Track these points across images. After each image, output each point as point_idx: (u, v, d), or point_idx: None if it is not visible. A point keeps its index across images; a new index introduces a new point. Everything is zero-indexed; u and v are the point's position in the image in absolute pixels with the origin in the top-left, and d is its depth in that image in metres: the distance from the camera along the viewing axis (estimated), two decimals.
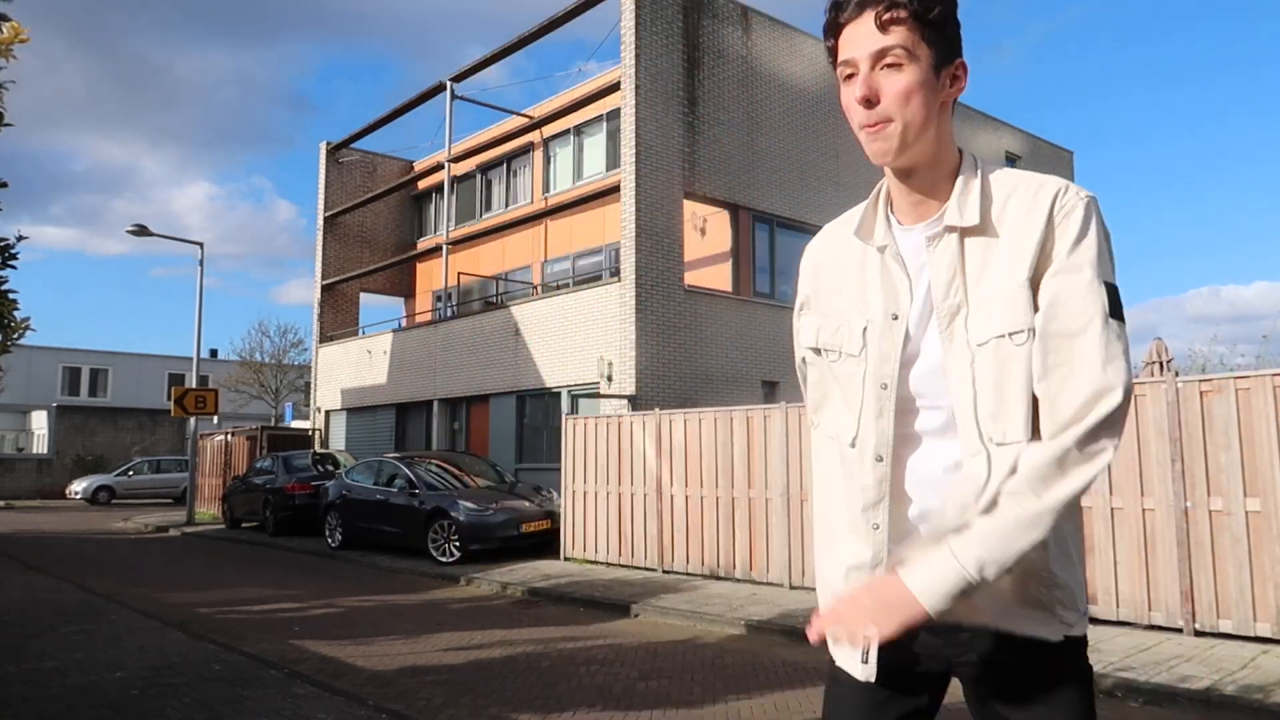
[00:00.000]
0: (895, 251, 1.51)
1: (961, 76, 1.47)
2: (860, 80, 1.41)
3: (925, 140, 1.44)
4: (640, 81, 15.43)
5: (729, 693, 5.68)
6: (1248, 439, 6.58)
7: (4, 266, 8.20)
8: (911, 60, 1.39)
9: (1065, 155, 25.88)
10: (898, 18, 1.39)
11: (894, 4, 1.38)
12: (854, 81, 1.43)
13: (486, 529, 12.09)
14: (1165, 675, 5.59)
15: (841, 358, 1.57)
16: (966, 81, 1.48)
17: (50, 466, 35.30)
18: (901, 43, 1.39)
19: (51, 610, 8.91)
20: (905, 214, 1.53)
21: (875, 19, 1.39)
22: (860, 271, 1.56)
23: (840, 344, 1.57)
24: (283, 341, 41.05)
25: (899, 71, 1.40)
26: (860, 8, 1.41)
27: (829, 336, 1.60)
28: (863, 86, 1.41)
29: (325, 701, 5.45)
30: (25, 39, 6.01)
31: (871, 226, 1.55)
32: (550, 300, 17.21)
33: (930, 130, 1.44)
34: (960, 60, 1.46)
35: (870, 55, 1.40)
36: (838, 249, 1.62)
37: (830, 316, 1.60)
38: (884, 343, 1.50)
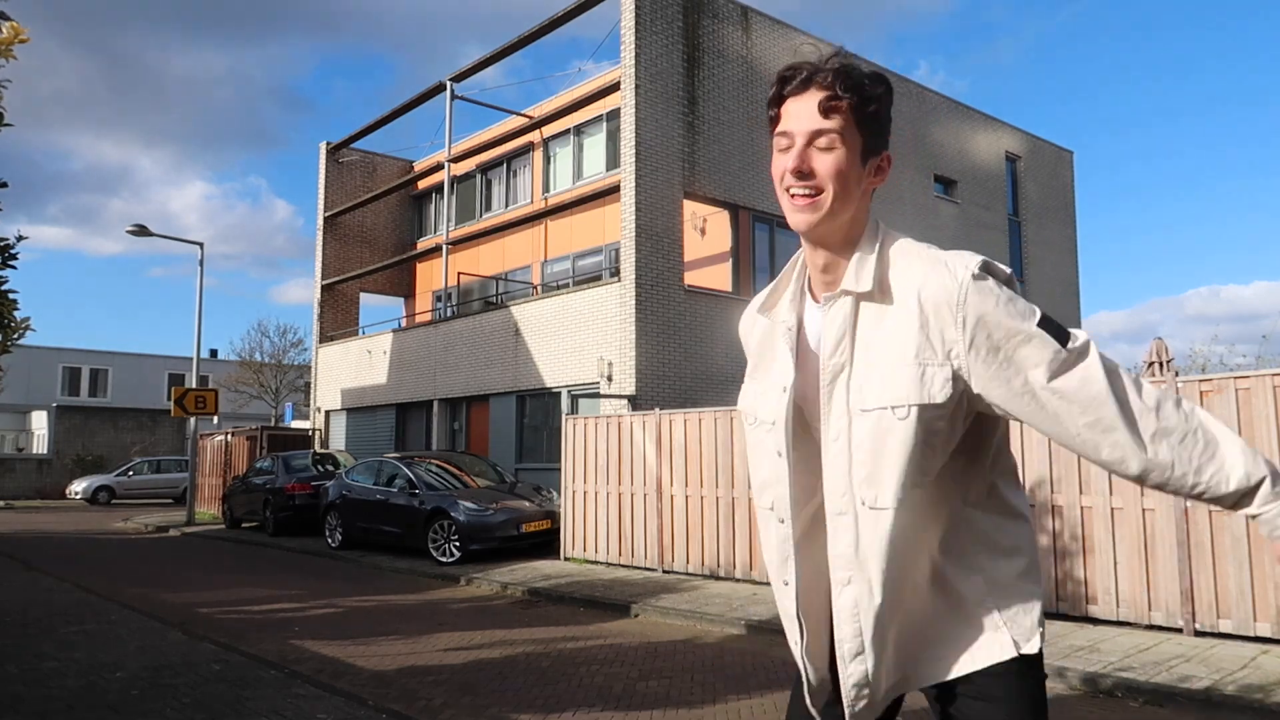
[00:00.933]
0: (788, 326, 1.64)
1: (885, 169, 1.59)
2: (795, 153, 1.53)
3: (844, 217, 1.55)
4: (640, 81, 15.43)
5: (729, 693, 5.68)
6: (1248, 439, 6.56)
7: (4, 266, 8.21)
8: (844, 144, 1.52)
9: (1066, 155, 25.88)
10: (837, 106, 1.51)
11: (836, 95, 1.51)
12: (789, 153, 1.54)
13: (486, 529, 12.09)
14: (1165, 675, 5.59)
15: (757, 424, 1.68)
16: (889, 174, 1.61)
17: (50, 466, 35.29)
18: (837, 128, 1.51)
19: (51, 610, 8.91)
20: (819, 287, 1.62)
21: (818, 102, 1.52)
22: (769, 344, 1.70)
23: (756, 412, 1.69)
24: (283, 341, 41.09)
25: (831, 153, 1.52)
26: (805, 86, 1.53)
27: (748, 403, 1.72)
28: (796, 159, 1.53)
29: (325, 701, 5.45)
30: (25, 39, 6.01)
31: (776, 303, 1.69)
32: (550, 300, 17.21)
33: (850, 209, 1.55)
34: (886, 154, 1.59)
35: (807, 133, 1.52)
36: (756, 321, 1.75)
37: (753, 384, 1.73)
38: (777, 413, 1.61)
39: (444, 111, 21.07)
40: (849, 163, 1.52)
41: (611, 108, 17.88)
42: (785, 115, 1.55)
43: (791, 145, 1.54)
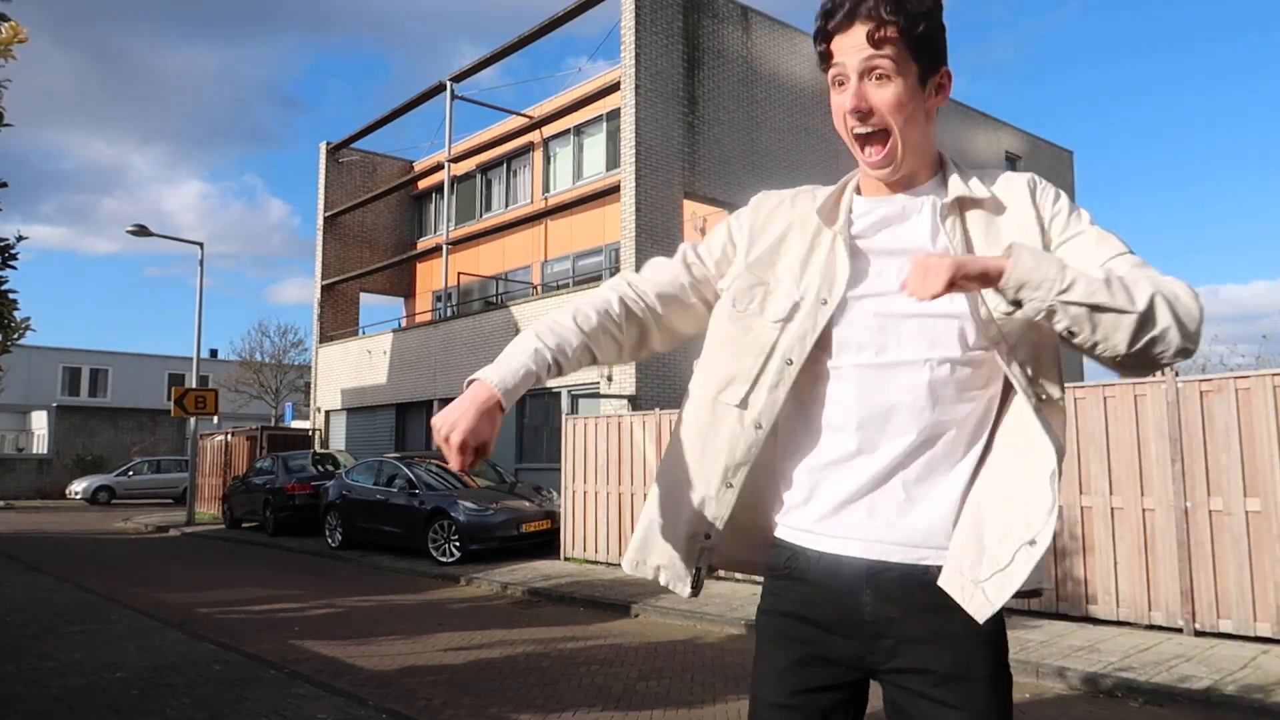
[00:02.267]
0: (848, 236, 1.54)
1: (947, 84, 1.53)
2: (851, 91, 1.47)
3: (917, 149, 1.52)
4: (640, 81, 15.43)
5: (729, 693, 5.68)
6: (1248, 439, 6.58)
7: (4, 266, 8.21)
8: (899, 74, 1.46)
9: (1065, 155, 25.89)
10: (886, 35, 1.44)
11: (882, 21, 1.43)
12: (845, 90, 1.48)
13: (486, 529, 12.09)
14: (1165, 675, 5.59)
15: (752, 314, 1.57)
16: (951, 87, 1.54)
17: (50, 466, 35.29)
18: (890, 56, 1.45)
19: (51, 610, 8.91)
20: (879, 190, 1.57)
21: (865, 34, 1.44)
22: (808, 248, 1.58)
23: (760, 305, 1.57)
24: (283, 341, 41.08)
25: (888, 84, 1.46)
26: (850, 19, 1.46)
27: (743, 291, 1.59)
28: (854, 97, 1.47)
29: (325, 701, 5.45)
30: (25, 39, 6.02)
31: (834, 212, 1.58)
32: (550, 300, 17.22)
33: (918, 134, 1.51)
34: (945, 69, 1.52)
35: (860, 67, 1.46)
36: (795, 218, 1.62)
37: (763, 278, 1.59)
38: (805, 322, 1.51)
39: (444, 112, 21.10)
40: (908, 91, 1.47)
41: (611, 108, 17.88)
42: (835, 50, 1.49)
43: (846, 82, 1.48)
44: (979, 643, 1.44)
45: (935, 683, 1.44)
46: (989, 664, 1.45)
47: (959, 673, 1.43)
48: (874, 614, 1.46)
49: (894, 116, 1.46)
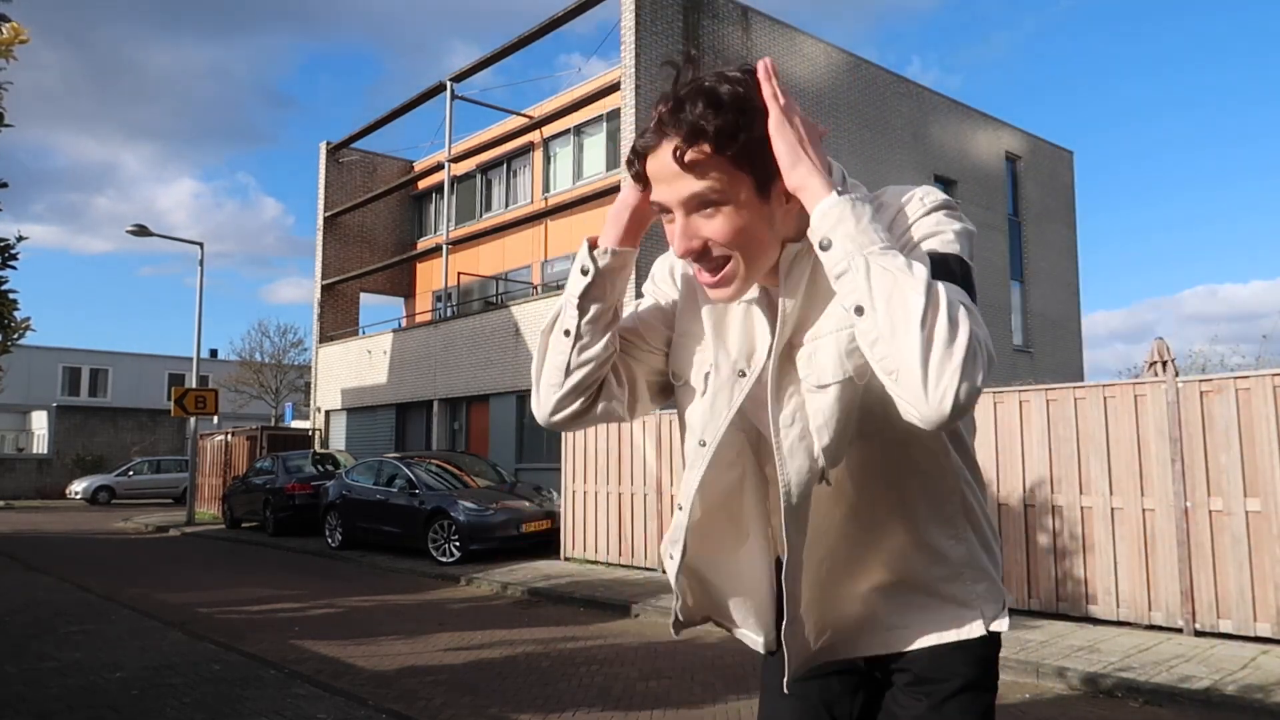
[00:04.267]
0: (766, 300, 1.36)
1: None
2: (679, 232, 1.25)
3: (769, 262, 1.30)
4: (640, 81, 15.43)
5: (729, 693, 5.68)
6: (1248, 439, 6.58)
7: (4, 266, 8.21)
8: (730, 199, 1.22)
9: (1065, 155, 25.88)
10: (699, 157, 1.20)
11: (689, 142, 1.19)
12: (673, 228, 1.27)
13: (486, 529, 12.09)
14: (1165, 675, 5.60)
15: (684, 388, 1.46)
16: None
17: (50, 466, 35.30)
18: (713, 185, 1.21)
19: (51, 610, 8.91)
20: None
21: (675, 159, 1.20)
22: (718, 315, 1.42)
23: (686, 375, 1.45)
24: (282, 341, 41.12)
25: (718, 215, 1.23)
26: (657, 137, 1.23)
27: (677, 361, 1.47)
28: (684, 237, 1.25)
29: (325, 701, 5.45)
30: (25, 39, 6.02)
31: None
32: (550, 300, 17.21)
33: (772, 251, 1.29)
34: None
35: (681, 202, 1.23)
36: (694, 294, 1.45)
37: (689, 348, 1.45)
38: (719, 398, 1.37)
39: (443, 112, 21.10)
40: (745, 215, 1.23)
41: (611, 108, 17.88)
42: (651, 176, 1.26)
43: (672, 216, 1.26)
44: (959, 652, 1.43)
45: (910, 681, 1.45)
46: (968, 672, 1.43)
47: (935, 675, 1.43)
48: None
49: (736, 246, 1.24)
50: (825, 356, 1.28)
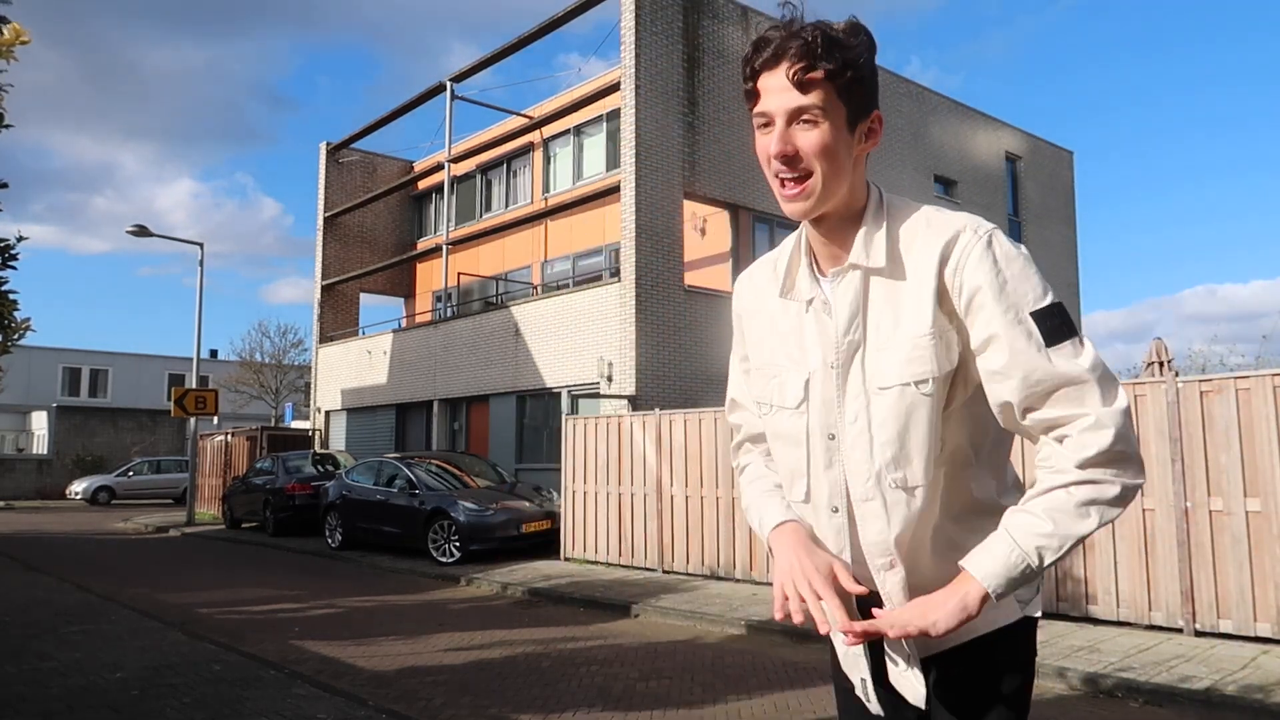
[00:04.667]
0: (823, 300, 1.51)
1: (877, 129, 1.47)
2: (777, 135, 1.42)
3: (840, 192, 1.45)
4: (640, 81, 15.43)
5: (729, 693, 5.68)
6: (1248, 439, 6.58)
7: (4, 267, 8.21)
8: (827, 118, 1.40)
9: (1065, 155, 25.88)
10: (814, 79, 1.39)
11: (809, 65, 1.38)
12: (770, 133, 1.43)
13: (486, 529, 12.09)
14: (1165, 675, 5.60)
15: (774, 411, 1.58)
16: (882, 132, 1.49)
17: (50, 467, 35.29)
18: (818, 102, 1.39)
19: (51, 610, 8.91)
20: (825, 262, 1.53)
21: (793, 78, 1.39)
22: (794, 324, 1.56)
23: (774, 398, 1.57)
24: (283, 342, 41.13)
25: (815, 129, 1.41)
26: (777, 59, 1.41)
27: (762, 389, 1.61)
28: (779, 142, 1.42)
29: (325, 701, 5.45)
30: (26, 40, 6.01)
31: (794, 282, 1.56)
32: (550, 300, 17.22)
33: (845, 183, 1.45)
34: (876, 113, 1.47)
35: (786, 112, 1.41)
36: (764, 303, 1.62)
37: (764, 369, 1.61)
38: (826, 391, 1.49)
39: (443, 112, 21.10)
40: (835, 137, 1.41)
41: (611, 108, 17.88)
42: (762, 92, 1.44)
43: (771, 125, 1.43)
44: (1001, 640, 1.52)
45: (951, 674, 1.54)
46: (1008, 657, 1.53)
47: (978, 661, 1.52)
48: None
49: (820, 161, 1.41)
50: (888, 363, 1.43)
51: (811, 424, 1.52)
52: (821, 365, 1.50)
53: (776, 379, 1.57)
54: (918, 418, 1.42)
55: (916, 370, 1.41)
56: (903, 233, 1.46)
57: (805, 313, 1.54)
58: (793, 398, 1.54)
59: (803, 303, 1.54)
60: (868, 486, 1.46)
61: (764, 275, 1.64)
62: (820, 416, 1.50)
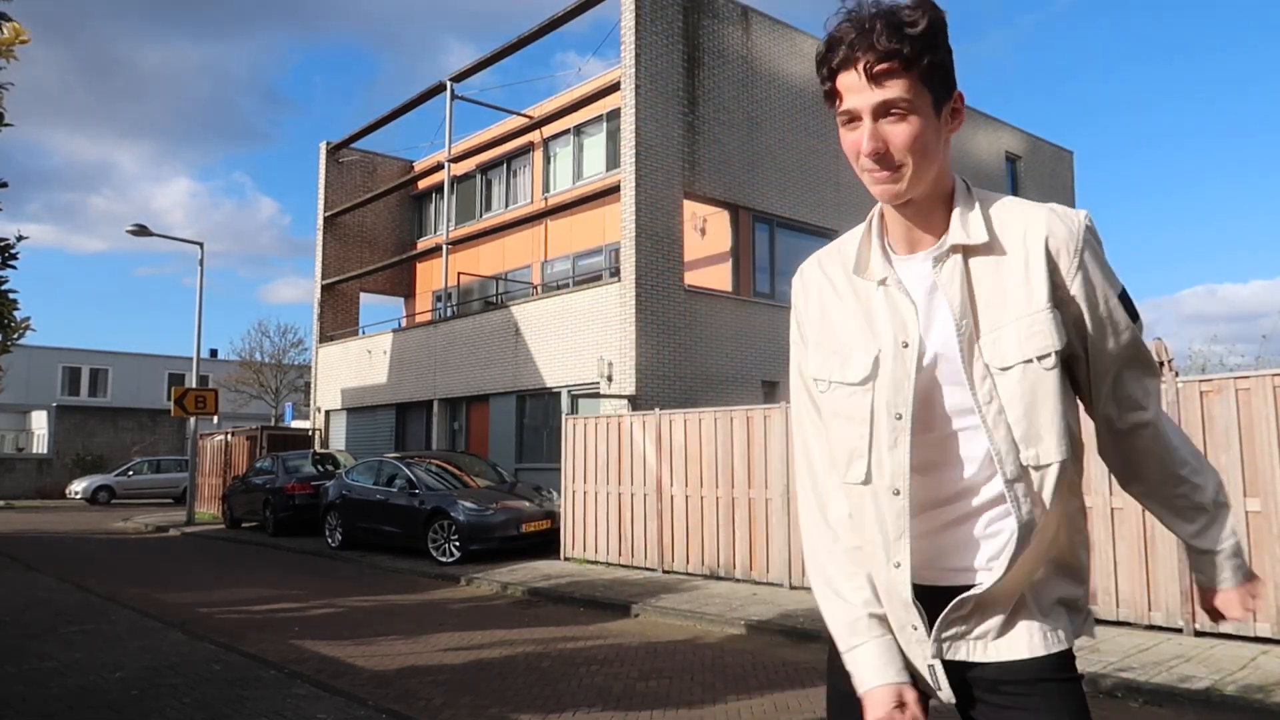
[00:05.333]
0: (896, 280, 1.50)
1: (960, 108, 1.47)
2: (867, 134, 1.41)
3: (930, 177, 1.45)
4: (640, 81, 15.43)
5: (729, 693, 5.68)
6: (1248, 439, 6.58)
7: (4, 266, 8.21)
8: (914, 109, 1.40)
9: (1066, 155, 25.88)
10: (893, 69, 1.38)
11: (886, 56, 1.37)
12: (858, 129, 1.43)
13: (486, 529, 12.09)
14: (1165, 675, 5.60)
15: (833, 388, 1.54)
16: (964, 109, 1.49)
17: (50, 466, 35.30)
18: (903, 94, 1.39)
19: (51, 610, 8.91)
20: (902, 243, 1.52)
21: (872, 72, 1.38)
22: (864, 304, 1.54)
23: (841, 375, 1.53)
24: (283, 341, 41.13)
25: (903, 121, 1.40)
26: (852, 56, 1.40)
27: (821, 365, 1.57)
28: (870, 140, 1.41)
29: (325, 701, 5.46)
30: (26, 39, 6.01)
31: (867, 261, 1.54)
32: (550, 300, 17.22)
33: (935, 168, 1.45)
34: (957, 92, 1.46)
35: (872, 108, 1.40)
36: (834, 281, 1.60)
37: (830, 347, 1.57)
38: (897, 370, 1.47)
39: (443, 112, 21.10)
40: (924, 125, 1.40)
41: (611, 108, 17.88)
42: (842, 91, 1.42)
43: (857, 120, 1.42)
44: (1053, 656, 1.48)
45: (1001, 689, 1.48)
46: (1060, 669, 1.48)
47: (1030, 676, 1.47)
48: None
49: (912, 153, 1.41)
50: (1007, 342, 1.43)
51: (877, 402, 1.48)
52: (894, 344, 1.47)
53: (838, 355, 1.54)
54: (1044, 394, 1.42)
55: (1038, 345, 1.41)
56: (994, 213, 1.48)
57: (876, 291, 1.52)
58: (856, 373, 1.51)
59: (874, 282, 1.52)
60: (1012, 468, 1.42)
61: (830, 258, 1.63)
62: (888, 394, 1.47)
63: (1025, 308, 1.42)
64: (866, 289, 1.54)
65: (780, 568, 9.49)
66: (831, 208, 18.02)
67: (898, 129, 1.40)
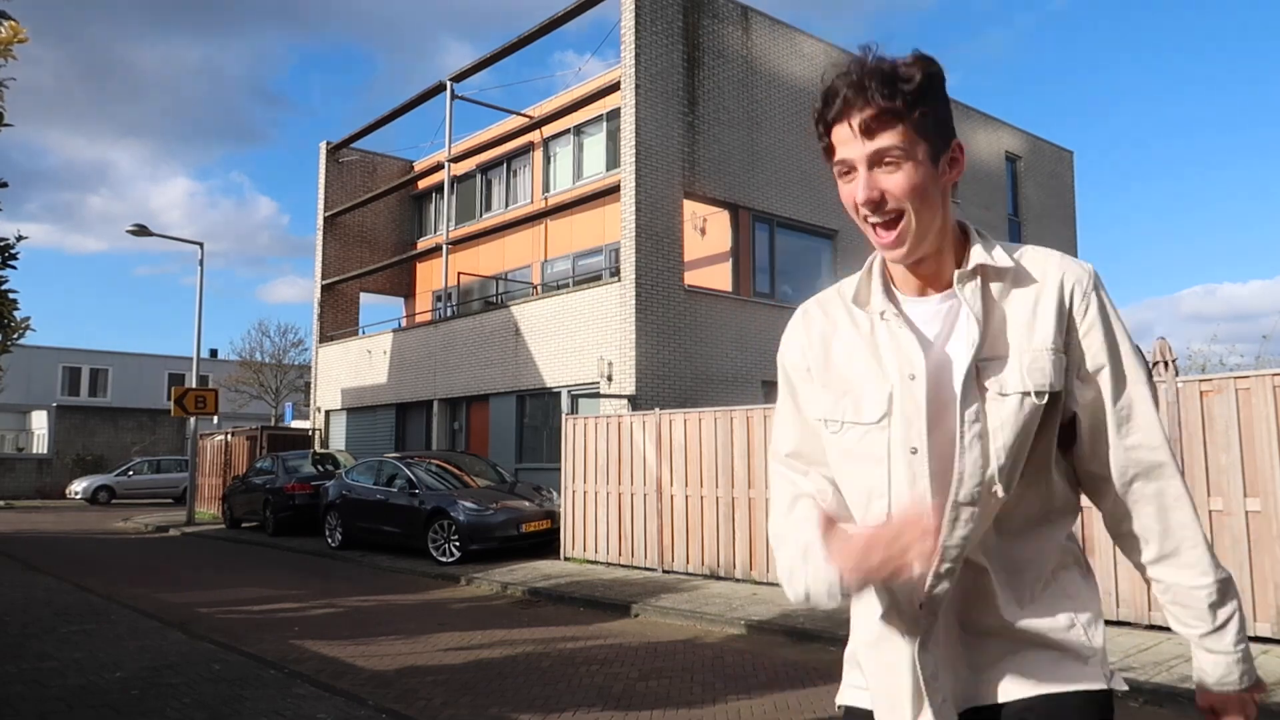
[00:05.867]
0: (895, 312, 1.49)
1: (959, 158, 1.46)
2: (862, 183, 1.41)
3: (934, 229, 1.45)
4: (640, 81, 15.43)
5: (729, 693, 5.68)
6: (1248, 439, 6.58)
7: (4, 266, 8.21)
8: (909, 157, 1.39)
9: (1066, 155, 25.88)
10: (887, 121, 1.38)
11: (879, 111, 1.38)
12: (853, 180, 1.43)
13: (486, 529, 12.09)
14: (1165, 675, 5.60)
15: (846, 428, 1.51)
16: (964, 160, 1.48)
17: (50, 466, 35.30)
18: (896, 143, 1.39)
19: (51, 610, 8.91)
20: (910, 288, 1.51)
21: (866, 123, 1.39)
22: (868, 339, 1.52)
23: (856, 415, 1.50)
24: (283, 341, 41.13)
25: (899, 170, 1.40)
26: (846, 109, 1.41)
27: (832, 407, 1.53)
28: (865, 189, 1.41)
29: (325, 701, 5.46)
30: (25, 39, 6.01)
31: (868, 296, 1.53)
32: (550, 300, 17.22)
33: (938, 217, 1.45)
34: (956, 141, 1.46)
35: (866, 158, 1.40)
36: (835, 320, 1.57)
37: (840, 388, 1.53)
38: (908, 405, 1.44)
39: (443, 111, 21.10)
40: (920, 173, 1.40)
41: (611, 108, 17.88)
42: (837, 143, 1.44)
43: (853, 174, 1.43)
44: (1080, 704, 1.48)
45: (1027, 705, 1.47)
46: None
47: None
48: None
49: (910, 200, 1.40)
50: (1009, 371, 1.44)
51: (894, 438, 1.45)
52: (900, 378, 1.45)
53: (850, 395, 1.50)
54: (1028, 428, 1.42)
55: (1037, 380, 1.42)
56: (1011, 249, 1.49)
57: (879, 325, 1.50)
58: (872, 412, 1.47)
59: (876, 314, 1.51)
60: (974, 490, 1.41)
61: (829, 297, 1.62)
62: (902, 430, 1.44)
63: (1033, 342, 1.43)
64: (869, 323, 1.52)
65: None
66: (831, 208, 18.01)
67: (893, 177, 1.40)
